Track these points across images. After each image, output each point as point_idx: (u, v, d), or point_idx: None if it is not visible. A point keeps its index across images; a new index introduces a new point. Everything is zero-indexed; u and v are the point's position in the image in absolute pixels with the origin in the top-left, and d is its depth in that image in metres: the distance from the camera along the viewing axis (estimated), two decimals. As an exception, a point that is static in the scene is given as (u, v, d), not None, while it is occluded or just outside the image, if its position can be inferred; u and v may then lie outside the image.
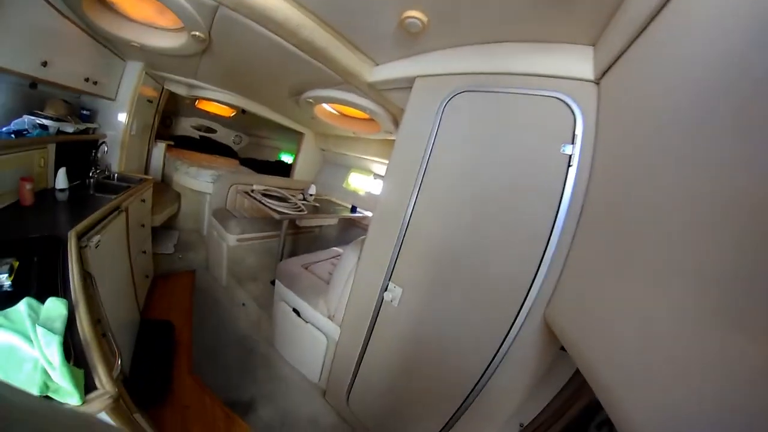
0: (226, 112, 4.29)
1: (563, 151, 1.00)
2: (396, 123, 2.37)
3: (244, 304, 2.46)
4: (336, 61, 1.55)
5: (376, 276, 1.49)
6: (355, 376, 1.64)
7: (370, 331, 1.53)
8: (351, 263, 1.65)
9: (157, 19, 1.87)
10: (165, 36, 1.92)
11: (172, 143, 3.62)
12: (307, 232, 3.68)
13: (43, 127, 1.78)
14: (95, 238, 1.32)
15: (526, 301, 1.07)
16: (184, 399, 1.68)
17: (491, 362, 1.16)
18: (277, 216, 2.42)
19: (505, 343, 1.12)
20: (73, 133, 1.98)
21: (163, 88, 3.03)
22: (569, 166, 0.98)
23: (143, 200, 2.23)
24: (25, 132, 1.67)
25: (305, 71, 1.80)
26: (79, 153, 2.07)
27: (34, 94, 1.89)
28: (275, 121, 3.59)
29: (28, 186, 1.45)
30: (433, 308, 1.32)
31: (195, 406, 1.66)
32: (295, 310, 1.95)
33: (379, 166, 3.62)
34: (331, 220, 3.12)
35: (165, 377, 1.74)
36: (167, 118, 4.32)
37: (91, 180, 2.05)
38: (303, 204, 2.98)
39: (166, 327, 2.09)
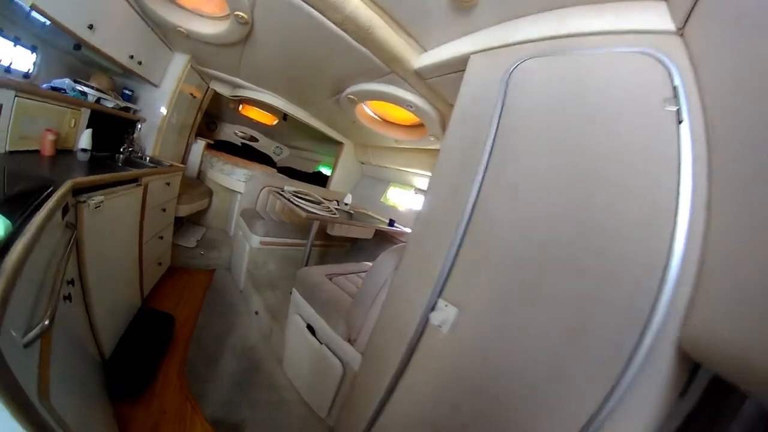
0: (269, 119, 4.31)
1: (667, 108, 0.76)
2: (443, 125, 2.13)
3: (257, 313, 2.18)
4: (381, 45, 1.43)
5: (419, 291, 1.11)
6: (376, 418, 1.23)
7: (404, 364, 1.13)
8: (384, 274, 1.31)
9: (204, 6, 1.91)
10: (210, 23, 1.95)
11: (211, 142, 3.61)
12: (338, 246, 3.43)
13: (83, 93, 1.81)
14: (96, 198, 1.21)
15: (652, 320, 0.68)
16: (162, 402, 1.40)
17: (596, 415, 0.73)
18: (304, 214, 2.15)
19: (619, 386, 0.70)
20: (112, 108, 2.03)
21: (208, 87, 3.11)
22: (679, 122, 0.74)
23: (168, 183, 2.13)
24: (62, 91, 1.68)
25: (348, 60, 1.69)
26: (115, 128, 2.12)
27: (80, 66, 2.01)
28: (315, 127, 3.48)
29: (50, 137, 1.47)
30: (507, 337, 0.90)
31: (172, 414, 1.37)
32: (309, 327, 1.63)
33: (422, 180, 3.34)
34: (365, 233, 2.82)
35: (148, 372, 1.48)
36: (212, 122, 4.44)
37: (121, 155, 2.03)
38: (336, 209, 2.71)
39: (166, 319, 1.86)
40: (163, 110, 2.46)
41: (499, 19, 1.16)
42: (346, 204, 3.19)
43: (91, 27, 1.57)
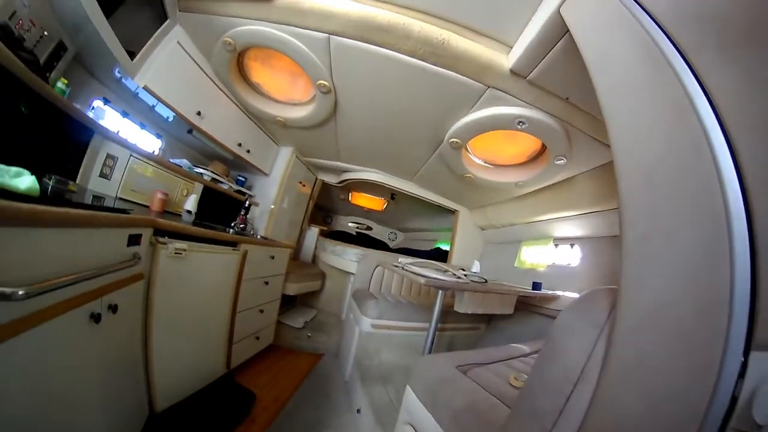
0: (378, 204, 4.35)
1: None
2: (568, 136, 1.62)
3: (359, 411, 1.64)
4: (462, 57, 1.31)
5: (688, 349, 0.45)
6: None
7: None
8: (587, 339, 0.64)
9: (292, 94, 2.08)
10: (301, 108, 2.11)
11: (325, 228, 3.72)
12: (469, 328, 2.72)
13: (199, 173, 2.07)
14: (178, 244, 1.25)
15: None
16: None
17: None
18: (422, 281, 1.58)
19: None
20: (227, 189, 2.30)
21: (316, 179, 3.36)
22: None
23: (272, 257, 2.11)
24: (179, 167, 1.93)
25: (436, 93, 1.57)
26: (230, 207, 2.39)
27: (199, 156, 2.35)
28: (424, 198, 3.23)
29: (159, 195, 1.68)
30: None
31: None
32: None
33: (561, 226, 2.55)
34: (504, 304, 2.06)
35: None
36: (328, 216, 4.75)
37: (231, 228, 2.18)
38: (461, 275, 2.07)
39: (246, 396, 1.67)
40: (274, 195, 2.68)
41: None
42: (475, 272, 2.53)
43: (199, 114, 1.79)
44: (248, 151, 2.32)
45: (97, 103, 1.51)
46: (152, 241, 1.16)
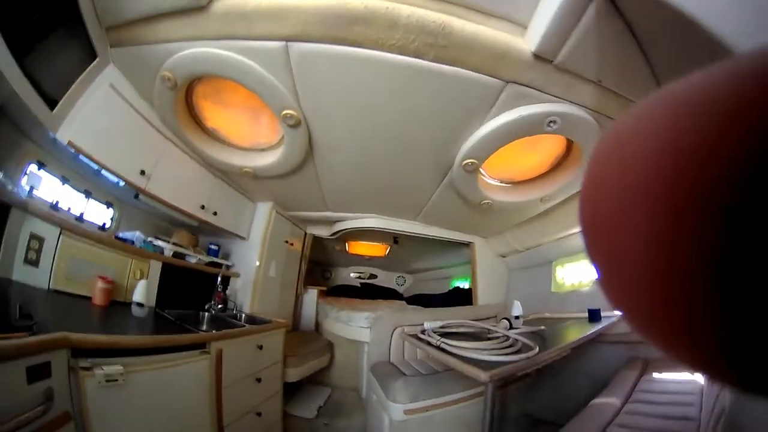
0: (380, 251, 3.98)
1: None
2: (601, 128, 1.32)
3: None
4: (471, 44, 0.99)
5: None
6: None
7: None
8: None
9: (257, 137, 1.72)
10: (269, 154, 1.75)
11: (324, 288, 3.27)
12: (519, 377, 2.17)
13: (158, 248, 1.75)
14: (110, 368, 0.93)
15: None
16: None
17: None
18: (484, 376, 1.11)
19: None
20: (195, 263, 1.97)
21: (305, 234, 3.00)
22: None
23: (260, 347, 1.74)
24: (130, 242, 1.63)
25: (441, 101, 1.21)
26: (201, 285, 2.05)
27: (163, 225, 1.98)
28: (431, 236, 2.81)
29: (100, 284, 1.35)
30: None
31: None
32: None
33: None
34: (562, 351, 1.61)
35: None
36: (326, 271, 4.36)
37: (207, 312, 1.92)
38: (513, 336, 1.58)
39: None
40: (256, 263, 2.28)
41: None
42: (518, 317, 2.07)
43: (143, 173, 1.46)
44: (215, 214, 1.96)
45: (32, 168, 1.25)
46: (72, 366, 0.85)
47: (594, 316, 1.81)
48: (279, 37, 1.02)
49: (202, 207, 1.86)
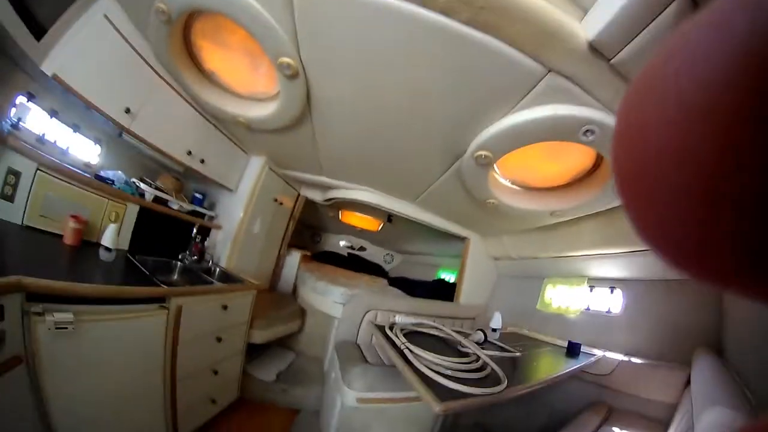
0: (373, 225, 3.84)
1: None
2: None
3: None
4: (517, 14, 0.79)
5: None
6: None
7: None
8: None
9: (255, 85, 1.55)
10: (265, 105, 1.59)
11: (308, 253, 3.17)
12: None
13: (140, 191, 1.69)
14: (58, 315, 0.88)
15: None
16: None
17: None
18: (437, 408, 0.97)
19: None
20: (176, 210, 1.90)
21: (298, 195, 2.87)
22: None
23: (225, 307, 1.63)
24: (109, 182, 1.56)
25: (465, 76, 1.00)
26: (181, 233, 1.97)
27: (153, 167, 1.89)
28: (427, 223, 2.65)
29: (72, 224, 1.31)
30: None
31: None
32: None
33: (600, 264, 2.04)
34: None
35: None
36: (316, 234, 4.24)
37: (180, 263, 1.83)
38: (486, 355, 1.38)
39: None
40: (239, 216, 2.17)
41: None
42: (494, 330, 1.98)
43: (128, 111, 1.38)
44: (202, 161, 1.84)
45: (21, 99, 1.23)
46: (25, 309, 0.84)
47: (573, 350, 1.74)
48: None
49: (189, 153, 1.75)
